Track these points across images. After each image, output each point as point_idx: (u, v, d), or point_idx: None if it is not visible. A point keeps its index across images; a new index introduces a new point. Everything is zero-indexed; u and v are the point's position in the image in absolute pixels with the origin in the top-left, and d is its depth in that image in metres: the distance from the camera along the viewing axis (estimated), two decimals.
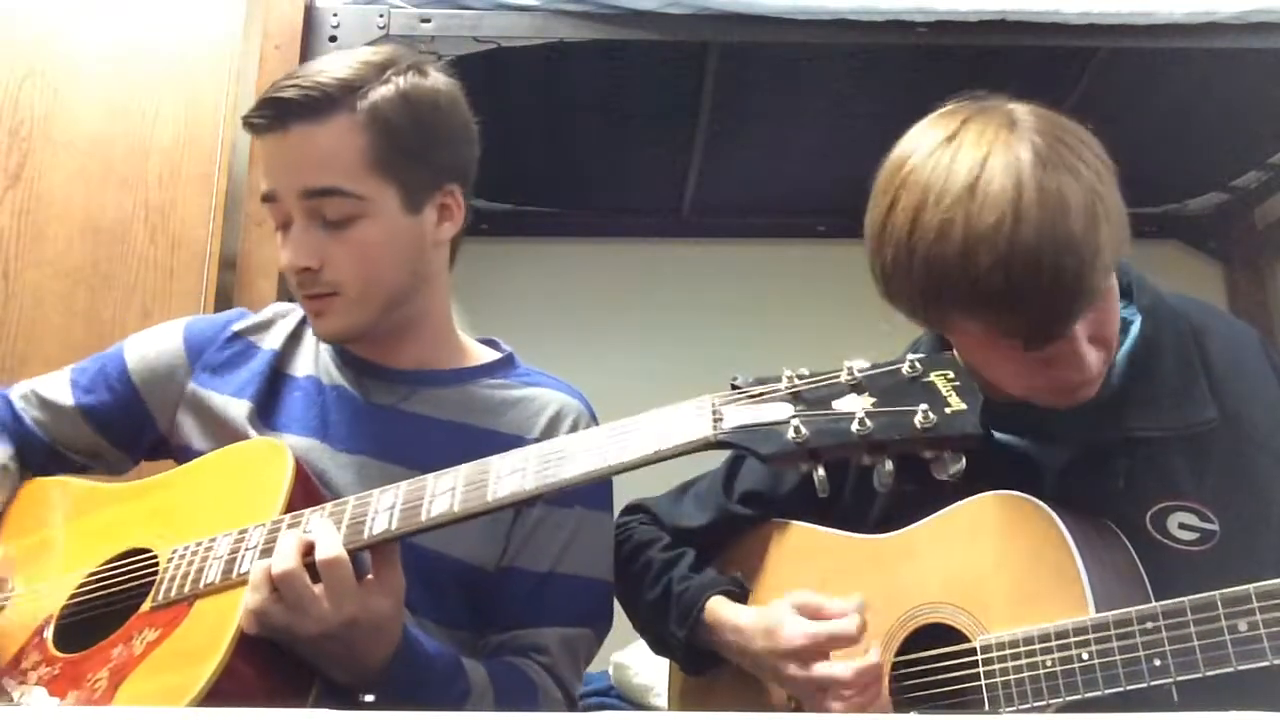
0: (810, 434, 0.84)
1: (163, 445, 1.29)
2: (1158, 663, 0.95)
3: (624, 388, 2.61)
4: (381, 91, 1.15)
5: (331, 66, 1.17)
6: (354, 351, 1.25)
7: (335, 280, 1.15)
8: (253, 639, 0.94)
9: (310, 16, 1.93)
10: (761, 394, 0.89)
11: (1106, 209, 0.98)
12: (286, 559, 0.93)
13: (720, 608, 1.23)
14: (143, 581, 1.06)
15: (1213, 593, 0.95)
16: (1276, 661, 0.91)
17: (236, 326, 1.31)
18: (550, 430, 1.24)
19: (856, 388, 0.86)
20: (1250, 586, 0.93)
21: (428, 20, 1.92)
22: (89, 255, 1.85)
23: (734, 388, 0.91)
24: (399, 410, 1.22)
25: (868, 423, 0.83)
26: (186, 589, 1.00)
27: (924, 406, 0.82)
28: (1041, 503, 1.07)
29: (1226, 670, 0.93)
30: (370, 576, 0.97)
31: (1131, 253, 1.05)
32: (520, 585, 1.19)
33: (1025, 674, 1.02)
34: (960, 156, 0.98)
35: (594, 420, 1.31)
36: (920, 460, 0.83)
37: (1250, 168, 2.59)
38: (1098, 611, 1.00)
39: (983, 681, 1.05)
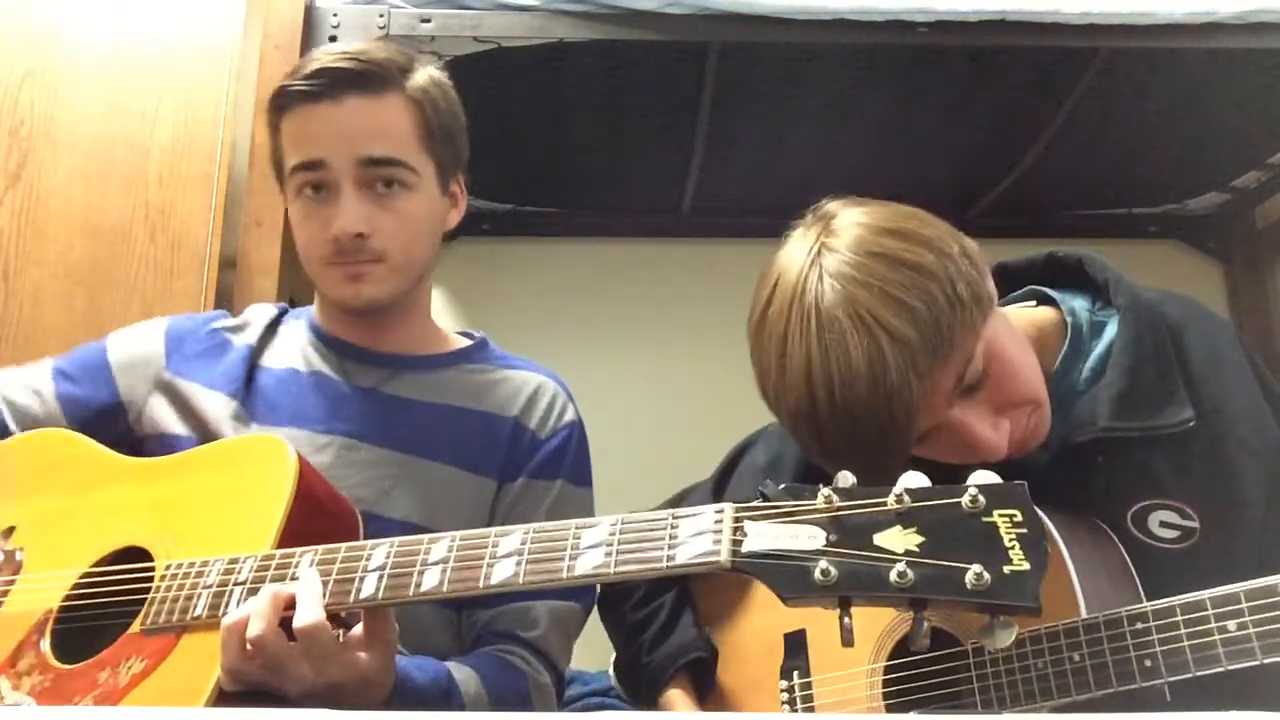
0: (840, 577, 0.73)
1: (122, 444, 1.25)
2: (1148, 663, 0.96)
3: (624, 388, 2.62)
4: (422, 75, 1.25)
5: (371, 48, 1.24)
6: (338, 335, 1.29)
7: (381, 248, 1.21)
8: (233, 693, 0.90)
9: (310, 16, 1.93)
10: (793, 512, 0.77)
11: (905, 344, 0.96)
12: (260, 621, 0.88)
13: (675, 702, 1.24)
14: (137, 592, 1.04)
15: (1202, 593, 0.95)
16: (1266, 661, 0.91)
17: (215, 324, 1.34)
18: (529, 408, 1.29)
19: (905, 519, 0.74)
20: (1239, 586, 0.94)
21: (428, 20, 1.92)
22: (89, 255, 1.85)
23: (763, 497, 0.80)
24: (379, 392, 1.26)
25: (909, 575, 0.71)
26: (174, 618, 0.97)
27: (978, 565, 0.71)
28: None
29: (1217, 670, 0.93)
30: (358, 632, 0.93)
31: (986, 322, 1.02)
32: None
33: (1017, 676, 1.02)
34: (771, 330, 1.03)
35: (570, 399, 1.34)
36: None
37: (1250, 168, 2.58)
38: (1088, 611, 1.00)
39: (975, 684, 1.05)
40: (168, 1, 1.96)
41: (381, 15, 1.92)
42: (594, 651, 1.56)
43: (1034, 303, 1.21)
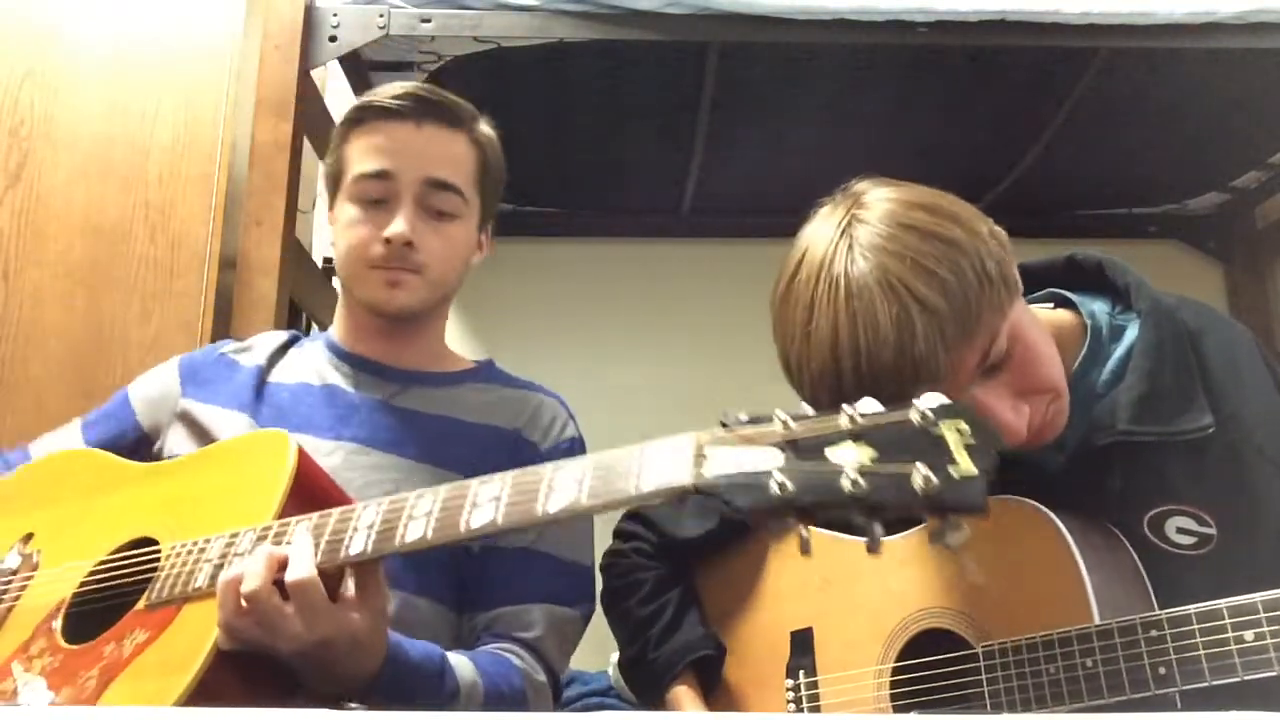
0: (795, 489, 0.75)
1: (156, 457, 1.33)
2: (1163, 671, 0.95)
3: (624, 388, 2.62)
4: (485, 126, 1.39)
5: (444, 93, 1.37)
6: (355, 351, 1.37)
7: (424, 261, 1.31)
8: (230, 652, 0.93)
9: (310, 16, 1.93)
10: (750, 436, 0.80)
11: (934, 314, 0.97)
12: (254, 577, 0.92)
13: (681, 700, 1.24)
14: (145, 575, 1.06)
15: (1219, 602, 0.95)
16: None
17: (224, 350, 1.42)
18: (531, 422, 1.35)
19: (856, 436, 0.76)
20: (1257, 596, 0.93)
21: (428, 20, 1.92)
22: (89, 255, 1.85)
23: (722, 425, 0.82)
24: (388, 404, 1.33)
25: (860, 482, 0.73)
26: (177, 591, 1.00)
27: (926, 468, 0.73)
28: (1043, 508, 1.06)
29: (1232, 680, 0.92)
30: (349, 593, 0.96)
31: (1012, 304, 1.04)
32: (501, 563, 1.25)
33: (1029, 681, 1.02)
34: (797, 295, 1.04)
35: (571, 418, 1.40)
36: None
37: (1250, 168, 2.58)
38: (1101, 615, 1.00)
39: (985, 689, 1.05)
40: (168, 2, 1.96)
41: (381, 15, 1.92)
42: (594, 651, 1.56)
43: (1052, 305, 1.20)
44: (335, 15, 1.93)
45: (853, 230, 1.02)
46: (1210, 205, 2.75)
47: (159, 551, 1.07)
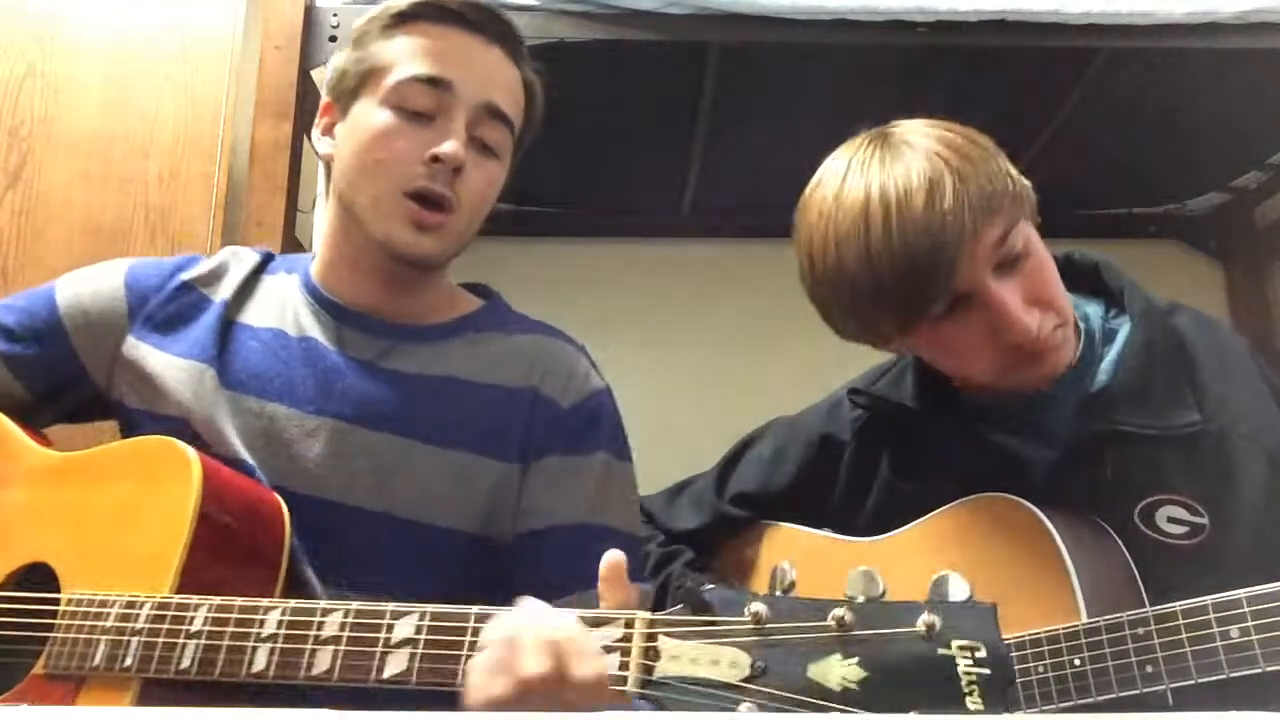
0: None
1: (95, 405, 1.17)
2: (1150, 669, 0.96)
3: (624, 387, 2.61)
4: (533, 74, 1.22)
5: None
6: (338, 298, 1.17)
7: (461, 196, 1.12)
8: None
9: (310, 16, 1.93)
10: (714, 631, 0.65)
11: (964, 178, 1.04)
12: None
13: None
14: (42, 622, 0.98)
15: (1204, 598, 0.95)
16: (1269, 669, 0.91)
17: (186, 275, 1.19)
18: (547, 376, 1.16)
19: (845, 645, 0.63)
20: (1242, 592, 0.94)
21: None
22: (89, 255, 1.83)
23: (683, 596, 0.69)
24: (376, 367, 1.13)
25: None
26: (74, 664, 0.92)
27: (927, 712, 0.59)
28: (1031, 505, 1.07)
29: (1218, 677, 0.93)
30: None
31: (1037, 220, 1.12)
32: (555, 545, 1.08)
33: (1017, 680, 1.02)
34: (828, 179, 1.10)
35: (592, 365, 1.22)
36: (915, 457, 0.81)
37: (1250, 168, 2.58)
38: (1088, 611, 1.00)
39: None
40: (168, 2, 1.96)
41: None
42: None
43: None
44: (335, 15, 1.93)
45: (889, 131, 1.10)
46: (1210, 205, 2.75)
47: (57, 599, 0.98)
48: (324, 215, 1.24)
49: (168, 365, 1.12)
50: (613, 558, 0.78)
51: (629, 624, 0.70)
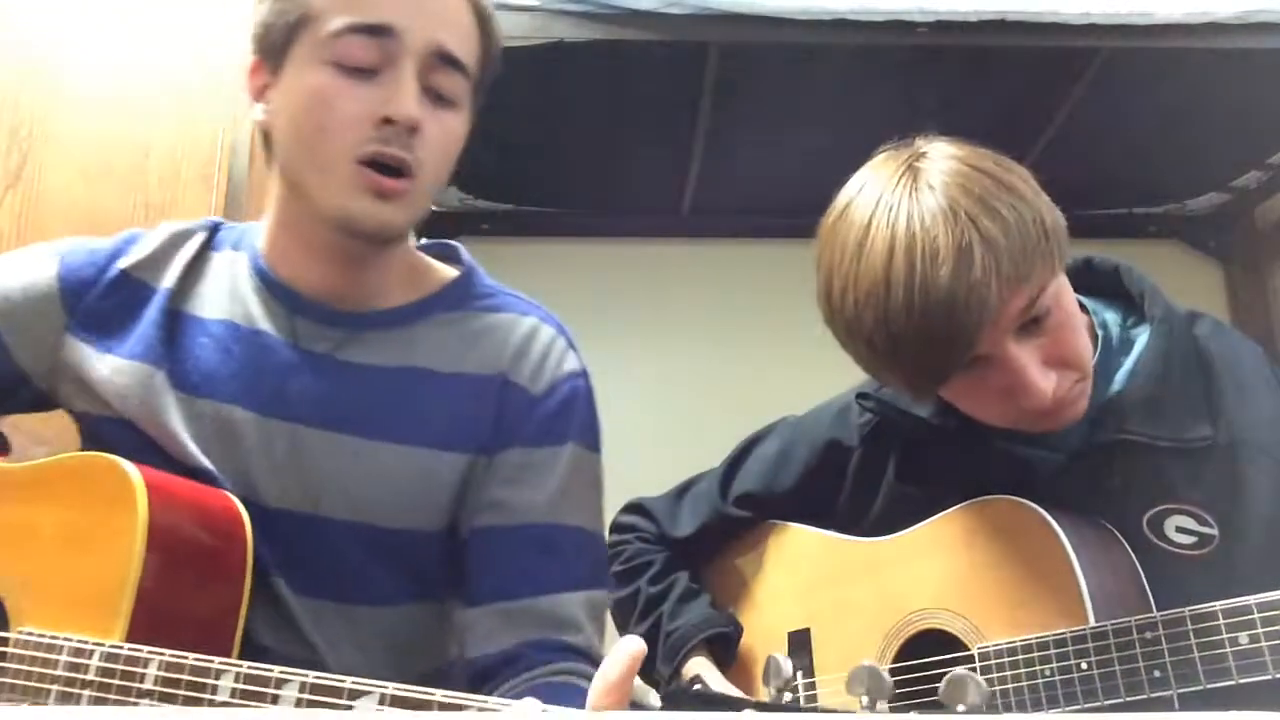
0: None
1: (47, 400, 1.09)
2: (1158, 674, 0.95)
3: (624, 387, 2.62)
4: (492, 12, 1.08)
5: None
6: (290, 283, 1.07)
7: (421, 157, 0.99)
8: None
9: None
10: None
11: (994, 248, 0.98)
12: None
13: (698, 669, 1.24)
14: None
15: (1213, 604, 0.94)
16: (1278, 675, 0.90)
17: (124, 263, 1.08)
18: (518, 359, 1.07)
19: None
20: (1251, 598, 0.93)
21: None
22: None
23: (673, 697, 0.64)
24: (334, 359, 1.05)
25: None
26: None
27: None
28: (1038, 507, 1.06)
29: (1228, 683, 0.92)
30: None
31: (1062, 268, 1.06)
32: (517, 546, 1.03)
33: (1024, 683, 1.02)
34: (855, 215, 1.03)
35: (570, 345, 1.14)
36: (922, 462, 0.80)
37: (1250, 168, 2.58)
38: (1096, 616, 0.99)
39: None
40: (168, 2, 1.96)
41: None
42: None
43: None
44: None
45: (918, 165, 1.04)
46: (1210, 205, 2.75)
47: (6, 633, 0.94)
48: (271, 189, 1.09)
49: (113, 369, 1.04)
50: (634, 646, 0.68)
51: None
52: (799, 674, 1.22)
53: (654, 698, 1.31)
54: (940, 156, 1.04)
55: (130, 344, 1.05)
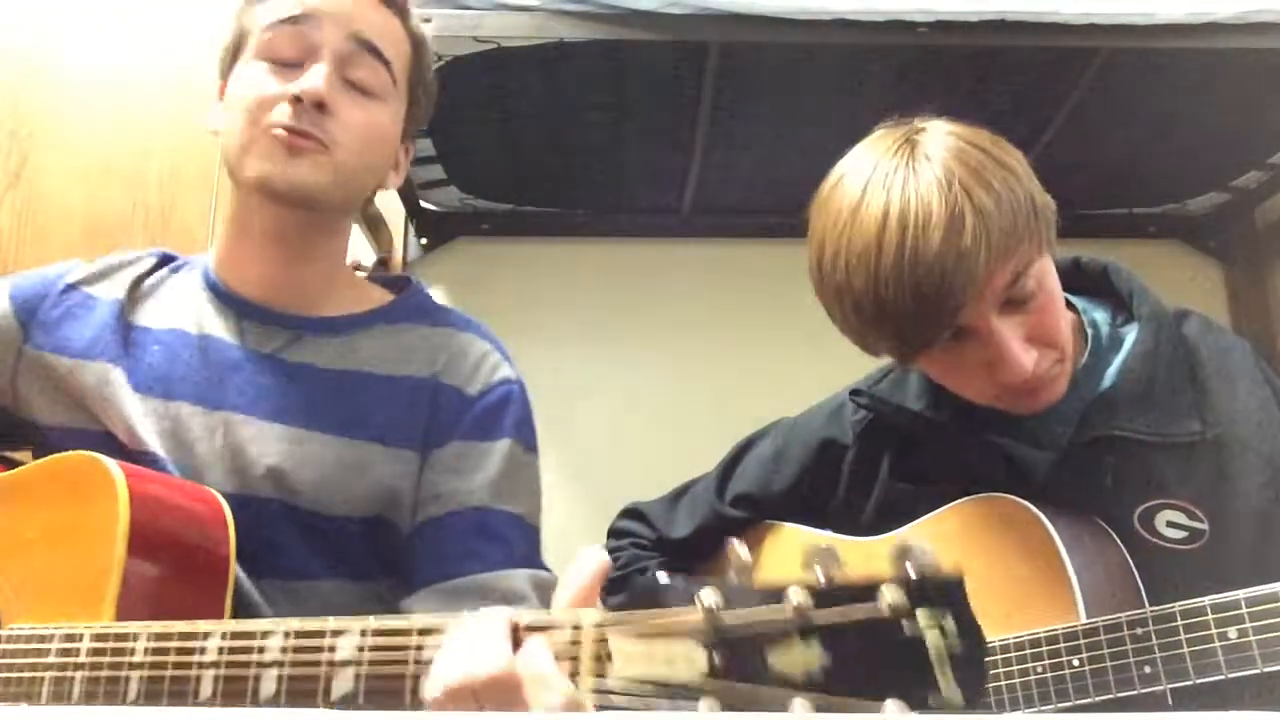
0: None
1: (13, 429, 1.15)
2: (1148, 669, 0.96)
3: (624, 387, 2.62)
4: (422, 29, 1.21)
5: None
6: (237, 291, 1.16)
7: (335, 135, 1.09)
8: None
9: None
10: (668, 626, 0.61)
11: (985, 218, 1.00)
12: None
13: None
14: None
15: (1202, 599, 0.95)
16: (1267, 670, 0.91)
17: (70, 278, 1.19)
18: (450, 365, 1.15)
19: (805, 631, 0.58)
20: (1240, 593, 0.94)
21: (428, 20, 1.90)
22: (89, 255, 1.83)
23: (637, 593, 0.66)
24: (281, 360, 1.13)
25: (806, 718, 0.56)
26: (22, 701, 0.90)
27: (895, 701, 0.55)
28: (1029, 505, 1.07)
29: (1217, 678, 0.93)
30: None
31: (1053, 252, 1.10)
32: (455, 532, 1.08)
33: (1016, 680, 1.02)
34: (849, 184, 1.07)
35: (505, 358, 1.20)
36: (916, 459, 0.81)
37: (1250, 168, 2.58)
38: (1087, 612, 1.00)
39: None
40: (168, 2, 1.96)
41: None
42: None
43: None
44: None
45: (915, 139, 1.07)
46: (1210, 205, 2.75)
47: None
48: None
49: (72, 369, 1.12)
50: (596, 561, 0.73)
51: (577, 627, 0.67)
52: None
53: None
54: (938, 132, 1.07)
55: (85, 344, 1.13)
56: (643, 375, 2.61)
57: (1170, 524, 1.08)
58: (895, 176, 1.03)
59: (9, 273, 1.82)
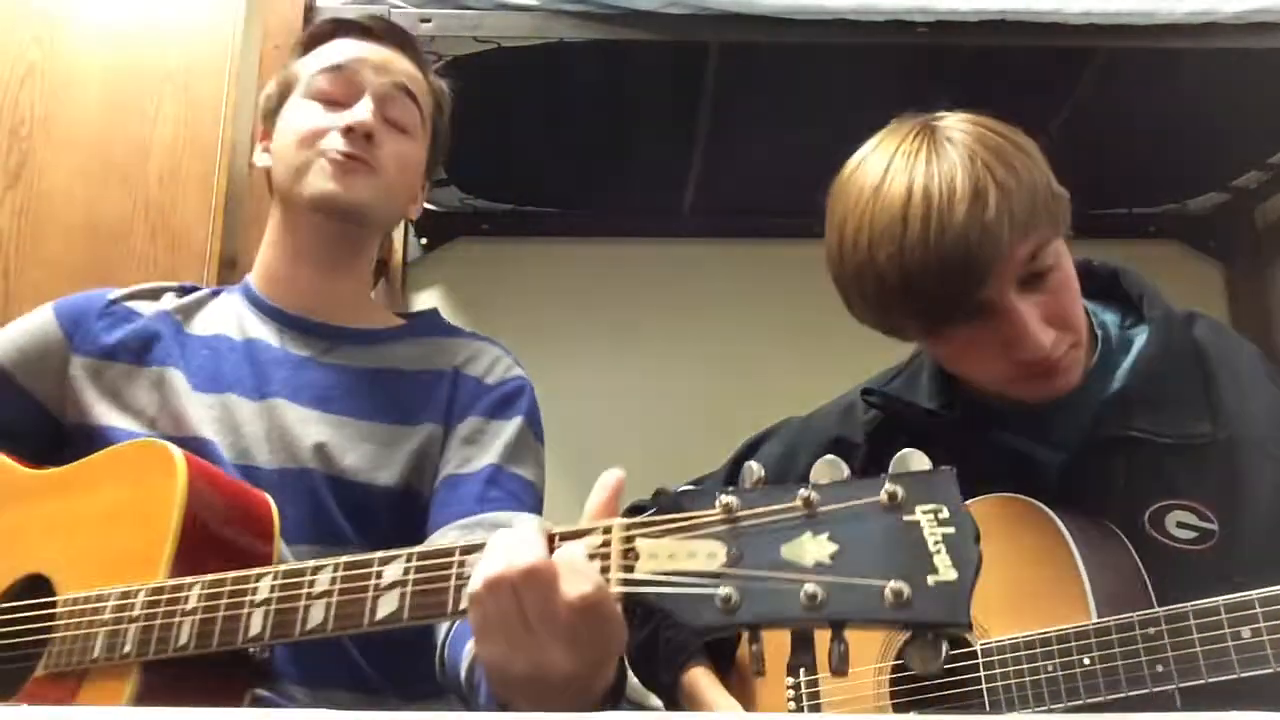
0: (744, 604, 0.64)
1: (63, 432, 1.21)
2: (1160, 669, 0.96)
3: (624, 387, 2.62)
4: (440, 80, 1.37)
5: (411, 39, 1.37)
6: (277, 304, 1.29)
7: (380, 160, 1.24)
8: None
9: (310, 17, 1.93)
10: (689, 525, 0.68)
11: (1007, 193, 1.03)
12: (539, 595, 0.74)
13: (698, 680, 1.25)
14: (41, 629, 1.00)
15: (1216, 599, 0.95)
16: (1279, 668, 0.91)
17: (112, 295, 1.28)
18: (469, 361, 1.27)
19: (814, 523, 0.65)
20: (1254, 593, 0.93)
21: (427, 20, 1.92)
22: (89, 255, 1.85)
23: (657, 502, 0.72)
24: (317, 361, 1.25)
25: (819, 595, 0.62)
26: (75, 660, 0.95)
27: (898, 580, 0.61)
28: (1042, 505, 1.07)
29: (1229, 677, 0.93)
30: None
31: (1069, 231, 1.11)
32: (472, 483, 1.18)
33: (1027, 678, 1.02)
34: (870, 167, 1.09)
35: (517, 363, 1.31)
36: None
37: (1250, 168, 2.58)
38: (1098, 612, 1.00)
39: (984, 685, 1.05)
40: (167, 2, 1.96)
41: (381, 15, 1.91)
42: None
43: None
44: None
45: (934, 125, 1.09)
46: (1210, 205, 2.75)
47: (54, 603, 1.00)
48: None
49: (122, 373, 1.22)
50: (614, 476, 0.80)
51: (606, 530, 0.73)
52: (801, 671, 1.22)
53: (654, 700, 1.31)
54: (955, 119, 1.10)
55: (135, 352, 1.22)
56: (642, 375, 2.61)
57: (1180, 525, 1.08)
58: (918, 157, 1.05)
59: (9, 273, 1.83)
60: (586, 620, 0.73)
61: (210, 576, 0.91)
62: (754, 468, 0.70)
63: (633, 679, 2.03)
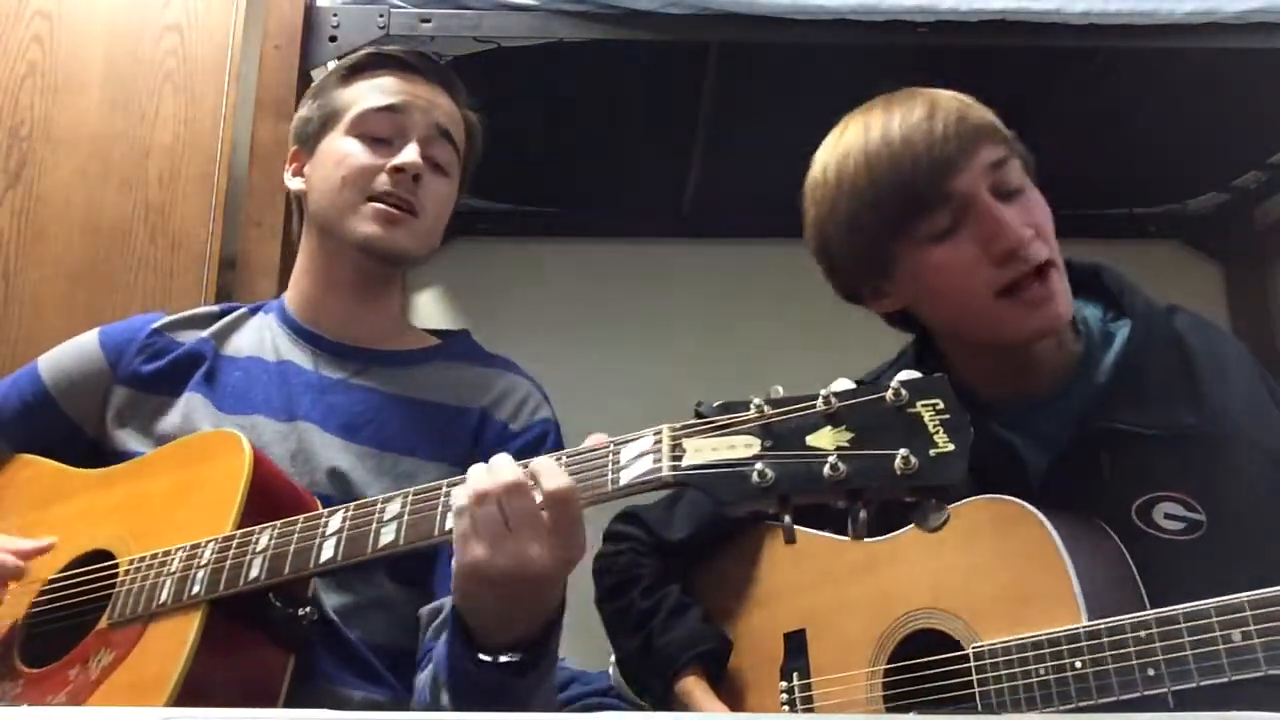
0: (777, 477, 0.77)
1: (97, 455, 1.25)
2: (1151, 672, 0.95)
3: (624, 388, 2.62)
4: (473, 114, 1.39)
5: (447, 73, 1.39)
6: (310, 326, 1.31)
7: (423, 202, 1.28)
8: (202, 674, 0.92)
9: (310, 17, 1.93)
10: (727, 425, 0.81)
11: (963, 105, 1.14)
12: (515, 491, 0.87)
13: (693, 690, 1.25)
14: (103, 590, 1.04)
15: (1207, 602, 0.95)
16: (1271, 672, 0.90)
17: (156, 324, 1.32)
18: (498, 401, 1.27)
19: (833, 419, 0.78)
20: (1244, 596, 0.93)
21: (428, 20, 1.92)
22: (89, 255, 1.85)
23: (698, 415, 0.83)
24: (348, 383, 1.27)
25: (841, 466, 0.76)
26: (140, 608, 0.99)
27: (904, 450, 0.74)
28: (1029, 505, 1.07)
29: (1220, 680, 0.92)
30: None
31: (1029, 174, 1.16)
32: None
33: (1019, 682, 1.02)
34: (835, 132, 1.19)
35: (545, 400, 1.32)
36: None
37: (1250, 168, 2.58)
38: (1089, 615, 1.00)
39: (976, 690, 1.05)
40: (168, 2, 1.96)
41: (381, 15, 1.92)
42: (594, 652, 1.56)
43: None
44: (335, 15, 1.93)
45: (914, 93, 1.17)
46: (1210, 205, 2.75)
47: (116, 565, 1.05)
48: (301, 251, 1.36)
49: (160, 405, 1.25)
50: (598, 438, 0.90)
51: (657, 432, 0.85)
52: (795, 675, 1.22)
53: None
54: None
55: (173, 383, 1.25)
56: (642, 374, 2.61)
57: (1168, 516, 1.08)
58: (883, 102, 1.17)
59: (9, 273, 1.83)
60: (561, 515, 0.86)
61: (281, 520, 0.99)
62: (778, 388, 0.82)
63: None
